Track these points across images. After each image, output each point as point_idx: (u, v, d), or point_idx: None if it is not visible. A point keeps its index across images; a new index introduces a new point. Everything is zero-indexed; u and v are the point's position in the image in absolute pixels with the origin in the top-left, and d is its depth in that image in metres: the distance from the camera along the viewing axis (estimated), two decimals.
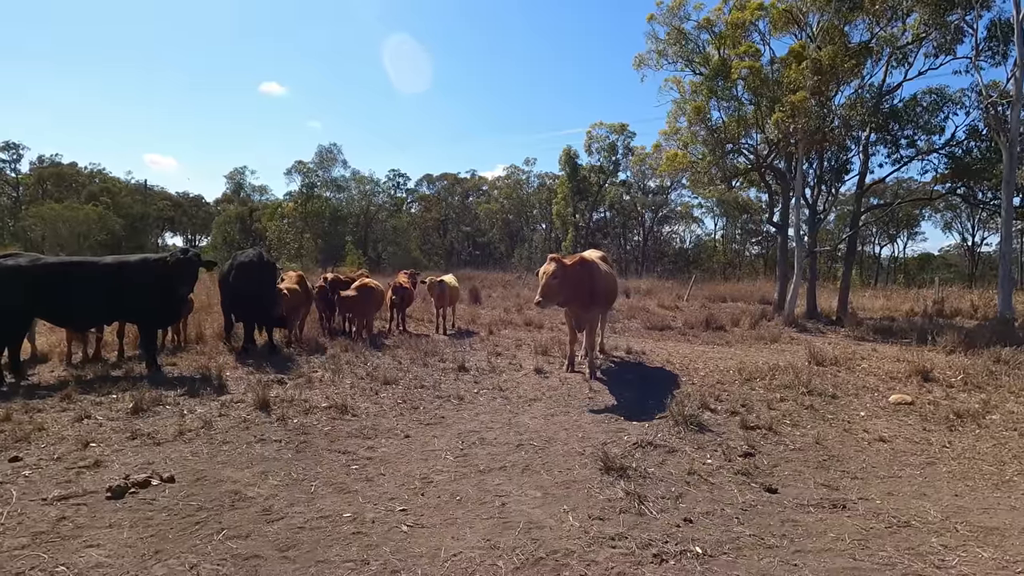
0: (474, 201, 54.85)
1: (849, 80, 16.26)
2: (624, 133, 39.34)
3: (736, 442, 5.16)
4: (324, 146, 44.91)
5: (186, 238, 63.99)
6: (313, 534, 3.47)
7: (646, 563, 3.22)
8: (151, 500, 3.77)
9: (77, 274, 6.70)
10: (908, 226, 43.96)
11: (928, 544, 3.48)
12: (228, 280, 8.47)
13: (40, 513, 3.53)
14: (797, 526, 3.69)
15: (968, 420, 5.93)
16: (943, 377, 7.74)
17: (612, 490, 4.12)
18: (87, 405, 5.50)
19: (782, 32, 16.95)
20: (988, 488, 4.40)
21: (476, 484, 4.26)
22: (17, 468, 4.13)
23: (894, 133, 16.79)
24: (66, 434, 4.81)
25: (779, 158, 17.68)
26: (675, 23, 17.43)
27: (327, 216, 43.47)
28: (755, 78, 15.94)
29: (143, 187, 52.25)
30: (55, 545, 3.19)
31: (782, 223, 17.83)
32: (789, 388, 7.06)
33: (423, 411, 5.96)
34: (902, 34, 16.09)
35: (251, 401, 5.78)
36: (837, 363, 8.73)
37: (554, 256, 7.35)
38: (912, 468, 4.78)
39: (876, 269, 45.30)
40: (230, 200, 56.14)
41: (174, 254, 7.26)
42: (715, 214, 48.83)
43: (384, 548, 3.32)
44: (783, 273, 17.31)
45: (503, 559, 3.23)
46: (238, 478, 4.18)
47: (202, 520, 3.55)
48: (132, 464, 4.30)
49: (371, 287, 9.46)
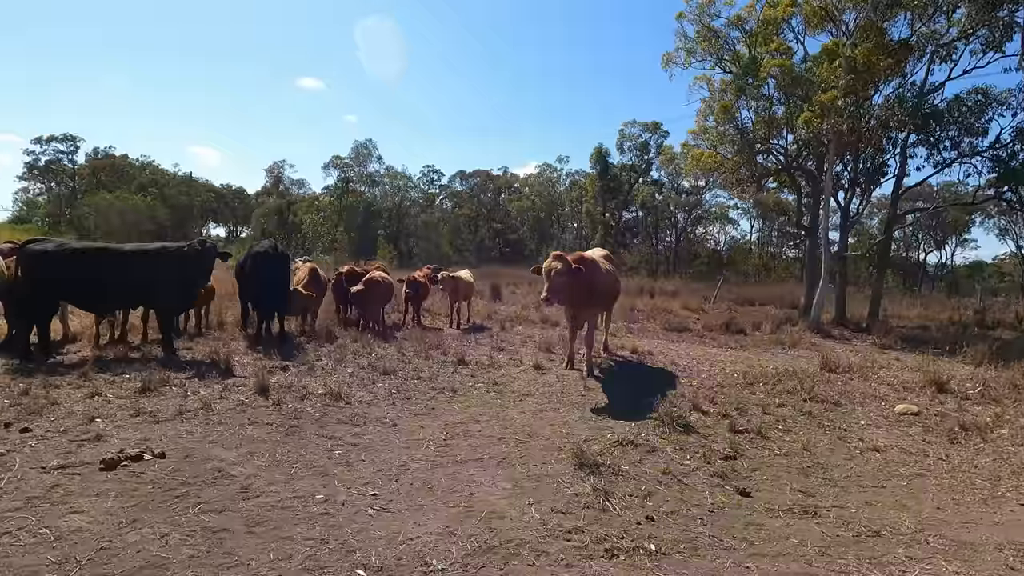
0: (506, 198, 55.02)
1: (888, 79, 15.68)
2: (657, 132, 38.81)
3: (720, 445, 5.11)
4: (360, 142, 45.93)
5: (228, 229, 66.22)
6: (283, 513, 3.63)
7: (596, 557, 3.26)
8: (140, 473, 4.01)
9: (99, 260, 7.10)
10: (957, 232, 41.94)
11: (893, 555, 3.41)
12: (244, 270, 8.82)
13: (37, 480, 3.80)
14: (761, 530, 3.66)
15: (973, 433, 5.71)
16: (960, 389, 7.45)
17: (581, 486, 4.15)
18: (100, 384, 5.84)
19: (817, 30, 16.43)
20: (975, 502, 4.26)
21: (450, 474, 4.36)
22: (25, 438, 4.44)
23: (935, 134, 16.10)
24: (76, 409, 5.14)
25: (810, 159, 17.19)
26: (705, 20, 17.14)
27: (361, 210, 44.41)
28: (786, 76, 15.53)
29: (188, 179, 54.29)
30: (44, 510, 3.44)
31: (811, 225, 17.33)
32: (791, 394, 6.92)
33: (415, 401, 6.10)
34: (946, 30, 15.41)
35: (251, 386, 6.02)
36: (851, 371, 8.49)
37: (557, 253, 7.39)
38: (899, 479, 4.66)
39: (920, 276, 43.38)
40: (269, 193, 57.84)
41: (192, 244, 7.60)
42: (751, 216, 47.69)
43: (347, 529, 3.46)
44: (811, 277, 16.85)
45: (457, 545, 3.32)
46: (225, 457, 4.39)
47: (182, 494, 3.76)
48: (130, 439, 4.57)
49: (378, 281, 9.67)
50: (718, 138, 17.47)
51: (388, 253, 36.76)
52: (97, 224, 41.06)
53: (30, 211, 50.42)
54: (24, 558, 2.96)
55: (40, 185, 53.43)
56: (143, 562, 2.98)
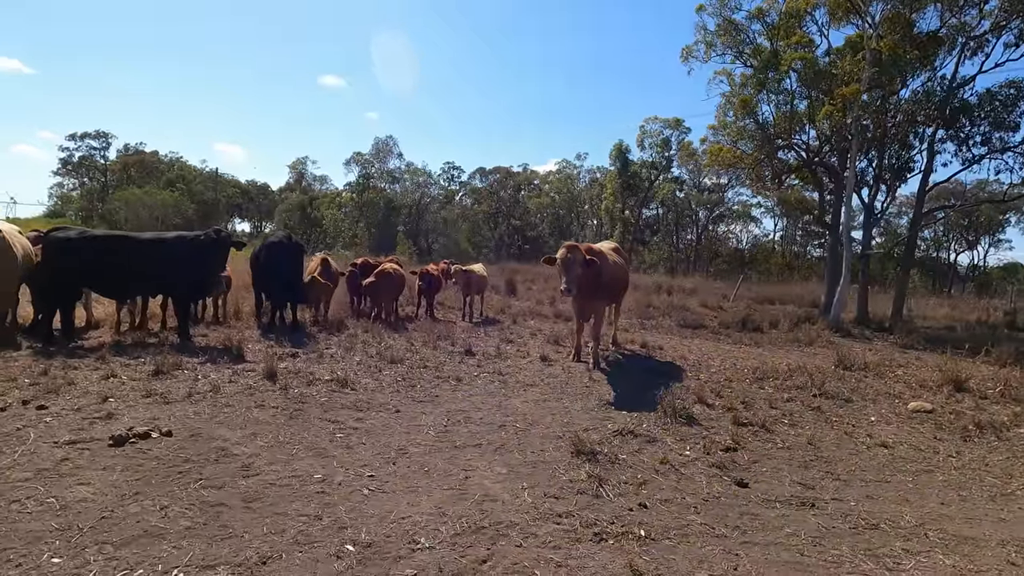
0: (525, 195, 54.96)
1: (915, 72, 15.25)
2: (679, 128, 38.32)
3: (722, 437, 5.06)
4: (380, 138, 46.34)
5: (253, 224, 67.42)
6: (281, 490, 3.71)
7: (584, 540, 3.26)
8: (146, 450, 4.14)
9: (119, 247, 7.32)
10: (990, 232, 40.63)
11: (889, 547, 3.35)
12: (259, 260, 8.99)
13: (49, 454, 3.95)
14: (755, 519, 3.63)
15: (988, 431, 5.56)
16: (979, 389, 7.25)
17: (576, 472, 4.16)
18: (116, 366, 6.03)
19: (841, 22, 16.08)
20: (983, 499, 4.15)
21: (448, 458, 4.40)
22: (41, 415, 4.62)
23: (964, 130, 15.60)
24: (91, 389, 5.31)
25: (833, 154, 16.83)
26: (725, 13, 16.87)
27: (381, 206, 44.82)
28: (809, 70, 15.22)
29: (214, 175, 55.41)
30: (53, 481, 3.58)
31: (833, 223, 16.96)
32: (801, 389, 6.81)
33: (419, 389, 6.16)
34: (978, 22, 14.93)
35: (260, 371, 6.15)
36: (866, 369, 8.32)
37: (570, 244, 7.34)
38: (905, 475, 4.56)
39: (951, 276, 42.14)
40: (292, 189, 58.70)
41: (207, 234, 7.78)
42: (775, 214, 46.83)
43: (340, 507, 3.52)
44: (832, 275, 16.49)
45: (447, 525, 3.36)
46: (229, 437, 4.50)
47: (185, 471, 3.87)
48: (140, 418, 4.71)
49: (389, 273, 9.78)
50: (738, 133, 17.21)
51: (408, 249, 37.06)
52: (127, 218, 42.21)
53: (64, 205, 52.04)
54: (29, 524, 3.08)
55: (74, 180, 55.13)
56: (141, 531, 3.08)
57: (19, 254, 7.05)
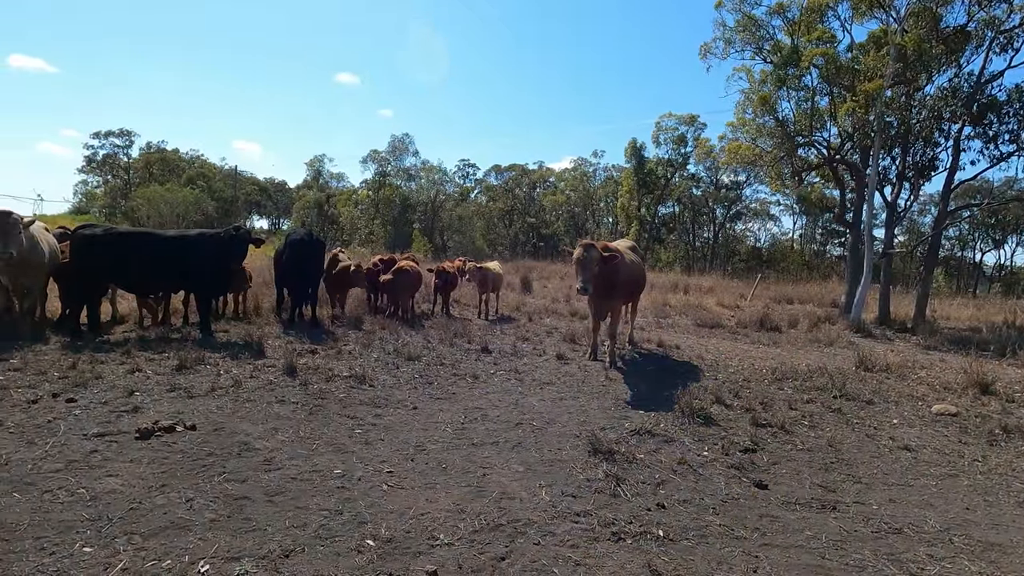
0: (540, 192, 54.90)
1: (941, 68, 14.91)
2: (695, 125, 37.97)
3: (740, 438, 5.03)
4: (396, 136, 46.59)
5: (271, 221, 68.31)
6: (302, 485, 3.77)
7: (603, 540, 3.27)
8: (171, 443, 4.22)
9: (143, 244, 7.47)
10: (1017, 230, 39.66)
11: (913, 552, 3.30)
12: (282, 257, 9.12)
13: (79, 446, 4.06)
14: (775, 522, 3.60)
15: (1016, 436, 5.44)
16: (1006, 391, 7.10)
17: (594, 471, 4.16)
18: (141, 361, 6.16)
19: (865, 17, 15.78)
20: (1009, 505, 4.06)
21: (465, 455, 4.43)
22: (70, 408, 4.74)
23: (992, 127, 15.23)
24: (118, 383, 5.43)
25: (854, 151, 16.54)
26: (745, 9, 16.64)
27: (397, 203, 45.11)
28: (830, 66, 14.97)
29: (234, 172, 56.17)
30: (83, 472, 3.67)
31: (854, 221, 16.68)
32: (821, 391, 6.73)
33: (436, 386, 6.20)
34: (1007, 16, 14.55)
35: (281, 367, 6.24)
36: (888, 370, 8.18)
37: (586, 242, 7.33)
38: (929, 478, 4.48)
39: (977, 276, 41.22)
40: (310, 186, 59.29)
41: (227, 230, 7.91)
42: (794, 212, 46.23)
43: (360, 502, 3.57)
44: (853, 274, 16.22)
45: (465, 522, 3.38)
46: (251, 431, 4.58)
47: (209, 464, 3.95)
48: (165, 412, 4.81)
49: (406, 270, 9.84)
50: (757, 131, 17.01)
51: (423, 246, 37.25)
52: (149, 215, 42.97)
53: (89, 203, 53.16)
54: (62, 514, 3.17)
55: (98, 178, 56.25)
56: (168, 523, 3.15)
57: (46, 250, 7.23)
